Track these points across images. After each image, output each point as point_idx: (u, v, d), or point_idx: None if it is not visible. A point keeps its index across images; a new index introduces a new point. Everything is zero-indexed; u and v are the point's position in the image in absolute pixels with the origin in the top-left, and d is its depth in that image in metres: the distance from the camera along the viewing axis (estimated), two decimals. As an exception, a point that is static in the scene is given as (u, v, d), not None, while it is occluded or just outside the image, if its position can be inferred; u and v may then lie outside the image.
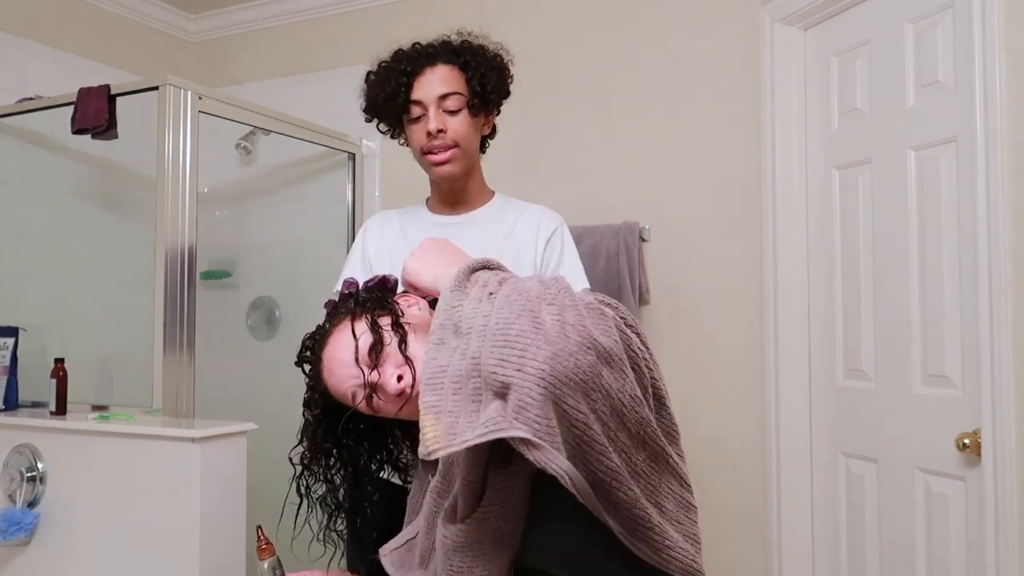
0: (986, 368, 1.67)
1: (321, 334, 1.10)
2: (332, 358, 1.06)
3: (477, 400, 0.82)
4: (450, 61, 1.59)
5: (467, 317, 0.88)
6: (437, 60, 1.59)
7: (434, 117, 1.56)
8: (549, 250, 1.65)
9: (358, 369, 1.03)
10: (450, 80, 1.58)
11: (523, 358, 0.79)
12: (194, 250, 2.19)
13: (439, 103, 1.57)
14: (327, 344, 1.08)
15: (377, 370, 1.03)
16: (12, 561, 2.00)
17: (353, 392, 1.05)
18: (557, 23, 2.67)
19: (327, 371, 1.07)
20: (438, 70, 1.58)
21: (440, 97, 1.57)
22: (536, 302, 0.86)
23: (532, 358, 0.79)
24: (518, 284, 0.91)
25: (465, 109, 1.59)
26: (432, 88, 1.57)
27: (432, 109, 1.57)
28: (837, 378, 2.20)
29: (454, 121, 1.58)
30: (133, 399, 2.17)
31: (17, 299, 2.51)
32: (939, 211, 1.87)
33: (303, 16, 3.17)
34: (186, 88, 2.19)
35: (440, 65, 1.59)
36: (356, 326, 1.06)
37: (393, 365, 1.03)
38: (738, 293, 2.38)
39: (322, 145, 2.83)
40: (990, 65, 1.67)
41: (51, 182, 2.68)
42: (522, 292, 0.88)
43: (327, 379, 1.07)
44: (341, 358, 1.05)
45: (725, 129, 2.42)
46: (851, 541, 2.15)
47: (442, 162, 1.59)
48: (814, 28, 2.29)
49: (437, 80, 1.58)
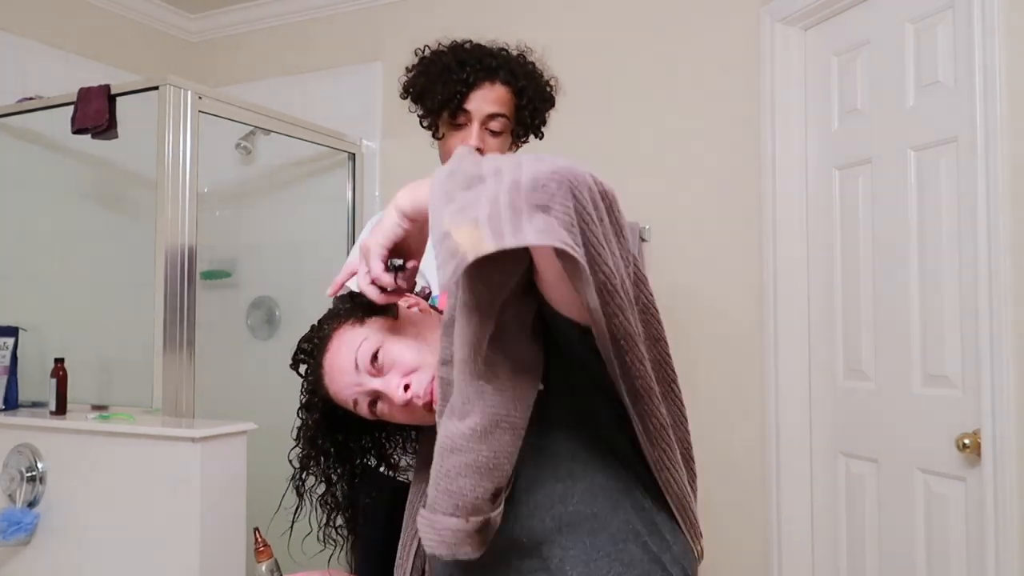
0: (986, 368, 1.67)
1: (320, 338, 1.07)
2: (333, 365, 1.03)
3: (518, 213, 0.71)
4: (508, 82, 1.57)
5: (488, 166, 0.78)
6: (497, 77, 1.56)
7: (476, 134, 1.55)
8: None
9: (360, 377, 1.01)
10: (503, 102, 1.57)
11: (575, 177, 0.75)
12: (194, 250, 2.19)
13: (486, 120, 1.56)
14: (327, 350, 1.05)
15: (381, 378, 1.00)
16: (12, 561, 2.00)
17: (356, 400, 1.02)
18: (557, 23, 2.67)
19: (328, 377, 1.05)
20: (496, 88, 1.56)
21: (488, 116, 1.56)
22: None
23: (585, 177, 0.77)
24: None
25: (507, 133, 1.58)
26: (484, 104, 1.55)
27: (476, 126, 1.55)
28: (837, 378, 2.20)
29: (493, 143, 1.57)
30: (133, 399, 2.17)
31: (17, 299, 2.51)
32: (939, 211, 1.87)
33: (303, 16, 3.17)
34: (186, 88, 2.19)
35: (498, 83, 1.56)
36: (357, 331, 1.03)
37: (399, 373, 1.00)
38: (738, 293, 2.38)
39: (322, 145, 2.83)
40: (990, 65, 1.67)
41: (51, 182, 2.68)
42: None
43: (328, 385, 1.05)
44: (342, 366, 1.02)
45: (725, 129, 2.42)
46: (851, 541, 2.15)
47: None
48: (814, 28, 2.29)
49: (492, 98, 1.55)
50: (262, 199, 3.18)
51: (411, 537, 1.08)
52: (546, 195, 0.73)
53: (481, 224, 0.69)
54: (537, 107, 1.60)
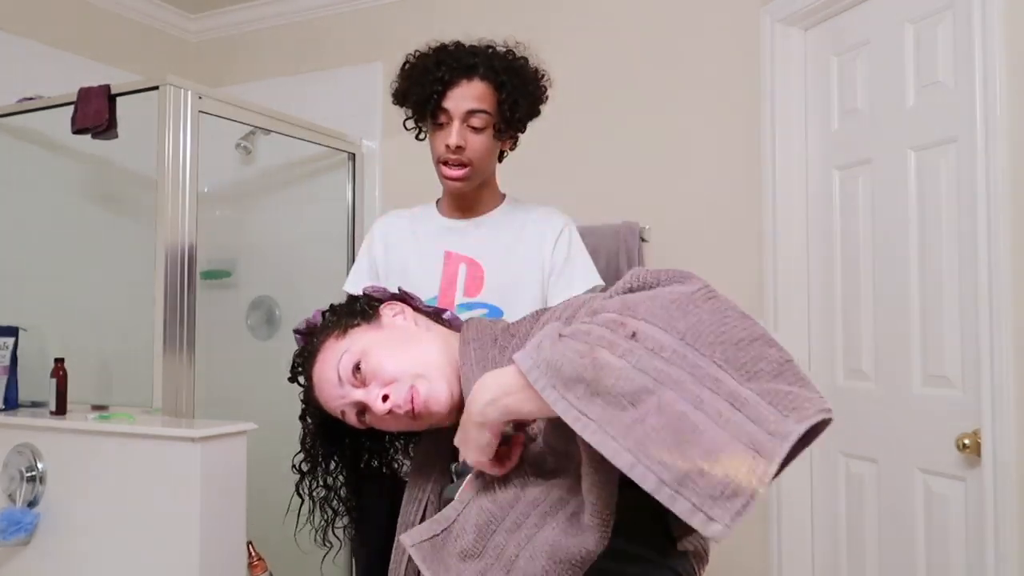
0: (986, 368, 1.67)
1: (309, 351, 1.10)
2: (319, 377, 1.06)
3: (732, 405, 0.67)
4: (487, 77, 1.56)
5: (637, 380, 0.69)
6: (475, 73, 1.55)
7: (456, 132, 1.54)
8: (556, 253, 1.64)
9: (344, 389, 1.02)
10: (482, 97, 1.55)
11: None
12: (194, 250, 2.19)
13: (465, 118, 1.55)
14: (315, 362, 1.07)
15: (364, 389, 1.02)
16: (12, 561, 2.00)
17: (343, 410, 1.04)
18: (556, 23, 2.67)
19: (317, 389, 1.07)
20: (473, 84, 1.55)
21: (467, 112, 1.54)
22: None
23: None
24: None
25: (489, 129, 1.57)
26: (463, 102, 1.54)
27: (456, 123, 1.54)
28: (837, 378, 2.20)
29: (475, 140, 1.56)
30: (133, 399, 2.17)
31: (17, 299, 2.51)
32: (939, 211, 1.87)
33: (303, 16, 3.17)
34: (186, 88, 2.19)
35: (476, 80, 1.55)
36: (340, 343, 1.05)
37: (379, 384, 1.01)
38: (738, 293, 2.36)
39: (322, 145, 2.83)
40: (990, 65, 1.67)
41: (51, 182, 2.68)
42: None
43: (318, 396, 1.07)
44: (328, 377, 1.04)
45: (725, 129, 2.42)
46: (851, 541, 2.15)
47: (454, 177, 1.58)
48: (814, 28, 2.29)
49: (469, 95, 1.54)
50: (262, 199, 3.18)
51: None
52: (745, 368, 0.69)
53: (745, 449, 0.64)
54: (518, 101, 1.57)
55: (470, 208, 1.68)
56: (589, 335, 0.74)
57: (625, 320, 0.74)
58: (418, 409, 0.99)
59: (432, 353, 1.03)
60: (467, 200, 1.67)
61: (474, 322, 1.08)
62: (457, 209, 1.68)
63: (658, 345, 0.71)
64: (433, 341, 1.06)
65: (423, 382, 1.00)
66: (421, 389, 0.99)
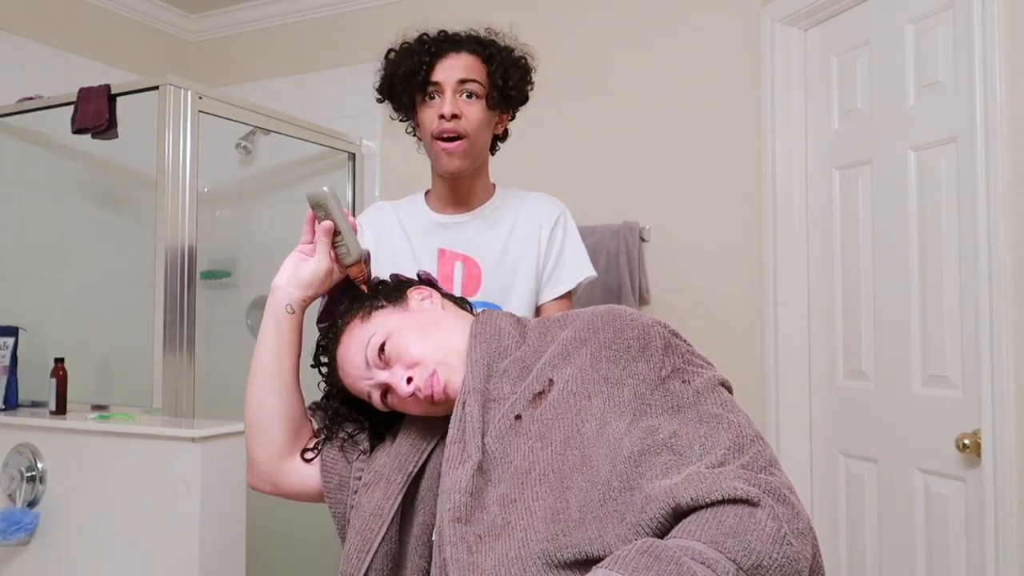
0: (986, 368, 1.67)
1: (334, 333, 1.10)
2: (345, 359, 1.07)
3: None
4: (475, 51, 1.56)
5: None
6: (462, 47, 1.55)
7: (450, 100, 1.52)
8: (551, 242, 1.62)
9: (370, 371, 1.03)
10: (472, 68, 1.55)
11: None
12: (194, 250, 2.19)
13: (458, 87, 1.53)
14: (339, 344, 1.08)
15: (389, 371, 1.02)
16: (12, 561, 2.00)
17: (368, 392, 1.05)
18: (557, 23, 2.67)
19: (342, 371, 1.08)
20: (462, 57, 1.55)
21: (460, 81, 1.53)
22: None
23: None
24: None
25: (483, 100, 1.55)
26: (453, 72, 1.53)
27: (449, 92, 1.52)
28: (837, 378, 2.20)
29: (470, 109, 1.53)
30: (133, 399, 2.17)
31: (17, 299, 2.51)
32: (939, 211, 1.87)
33: (303, 16, 3.17)
34: (186, 88, 2.19)
35: (464, 53, 1.55)
36: (365, 325, 1.06)
37: (403, 366, 1.02)
38: (738, 293, 2.38)
39: (322, 145, 2.83)
40: (990, 65, 1.67)
41: (51, 182, 2.68)
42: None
43: (343, 378, 1.08)
44: (353, 359, 1.05)
45: (725, 129, 2.42)
46: (851, 541, 2.15)
47: (450, 151, 1.53)
48: (814, 28, 2.29)
49: (459, 65, 1.54)
50: (262, 199, 3.18)
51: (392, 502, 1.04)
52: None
53: None
54: (508, 70, 1.57)
55: (463, 201, 1.63)
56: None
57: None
58: (437, 396, 1.00)
59: (455, 339, 1.04)
60: (460, 192, 1.62)
61: (484, 315, 1.09)
62: (449, 203, 1.63)
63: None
64: (457, 327, 1.07)
65: (444, 369, 1.01)
66: (442, 375, 1.00)
